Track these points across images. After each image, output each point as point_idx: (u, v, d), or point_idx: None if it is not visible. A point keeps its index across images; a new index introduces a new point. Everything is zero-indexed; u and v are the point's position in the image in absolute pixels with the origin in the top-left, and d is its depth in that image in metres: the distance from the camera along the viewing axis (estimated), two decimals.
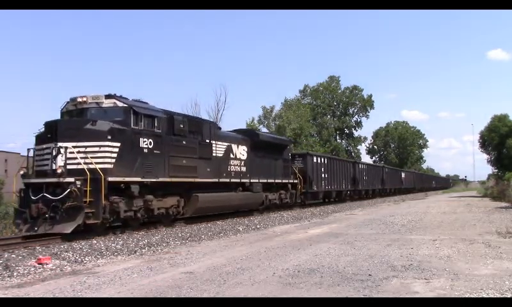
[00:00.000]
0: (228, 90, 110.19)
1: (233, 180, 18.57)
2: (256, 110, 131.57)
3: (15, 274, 7.64)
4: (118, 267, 8.28)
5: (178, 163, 14.99)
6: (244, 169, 19.43)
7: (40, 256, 8.85)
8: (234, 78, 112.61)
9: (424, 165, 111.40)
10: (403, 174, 57.89)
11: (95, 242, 11.44)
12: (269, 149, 21.74)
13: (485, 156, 47.85)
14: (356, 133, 79.23)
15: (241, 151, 19.41)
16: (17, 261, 8.65)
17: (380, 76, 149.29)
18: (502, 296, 5.68)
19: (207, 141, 16.91)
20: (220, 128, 19.65)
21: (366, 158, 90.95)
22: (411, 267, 7.59)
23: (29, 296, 6.12)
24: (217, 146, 17.59)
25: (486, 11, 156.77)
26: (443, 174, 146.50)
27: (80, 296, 6.05)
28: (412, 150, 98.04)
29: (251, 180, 19.77)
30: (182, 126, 15.25)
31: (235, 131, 21.26)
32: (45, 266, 8.25)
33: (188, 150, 15.60)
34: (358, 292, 5.94)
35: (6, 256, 9.25)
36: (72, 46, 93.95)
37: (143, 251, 10.27)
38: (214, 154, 17.27)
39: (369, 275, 7.00)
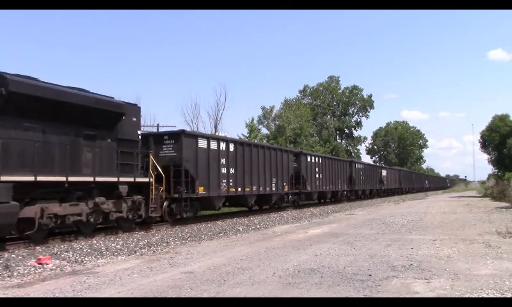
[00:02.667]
0: (228, 90, 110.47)
1: None
2: (256, 110, 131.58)
3: (15, 274, 7.63)
4: (118, 267, 8.27)
5: None
6: None
7: (40, 256, 8.85)
8: (234, 79, 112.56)
9: (424, 165, 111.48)
10: (384, 172, 48.62)
11: (95, 242, 11.44)
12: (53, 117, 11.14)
13: (485, 156, 48.08)
14: (356, 134, 79.38)
15: None
16: (17, 261, 8.65)
17: (380, 76, 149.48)
18: (502, 296, 5.68)
19: None
20: None
21: (366, 159, 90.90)
22: (411, 267, 7.59)
23: (29, 296, 6.12)
24: None
25: (486, 11, 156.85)
26: (443, 174, 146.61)
27: (80, 296, 6.04)
28: (412, 150, 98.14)
29: None
30: None
31: None
32: (45, 266, 8.25)
33: None
34: (358, 292, 5.94)
35: (6, 256, 9.25)
36: (72, 46, 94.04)
37: (143, 251, 10.27)
38: None
39: (369, 275, 7.00)
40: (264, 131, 48.59)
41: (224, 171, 18.08)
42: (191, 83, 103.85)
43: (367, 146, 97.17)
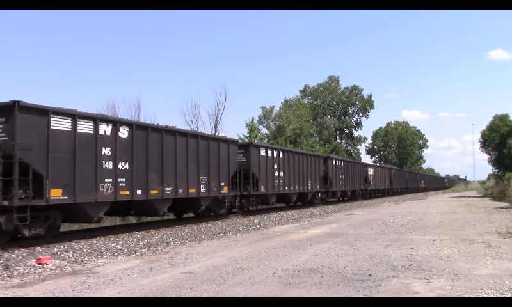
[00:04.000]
0: (228, 90, 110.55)
1: None
2: (256, 110, 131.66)
3: (15, 274, 7.63)
4: (118, 267, 8.27)
5: None
6: None
7: (40, 256, 8.85)
8: (234, 78, 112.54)
9: (424, 165, 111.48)
10: (370, 171, 41.97)
11: (95, 242, 11.44)
12: None
13: (485, 156, 48.02)
14: (356, 134, 79.41)
15: None
16: (17, 261, 8.65)
17: (380, 76, 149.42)
18: (502, 296, 5.68)
19: None
20: None
21: (366, 159, 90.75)
22: (411, 267, 7.59)
23: (29, 296, 6.12)
24: None
25: (487, 11, 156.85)
26: (443, 174, 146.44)
27: (80, 296, 6.04)
28: (412, 150, 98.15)
29: None
30: None
31: None
32: (45, 266, 8.25)
33: None
34: (358, 292, 5.94)
35: (6, 256, 9.25)
36: (72, 45, 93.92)
37: (143, 251, 10.27)
38: None
39: (369, 275, 7.00)
40: (264, 131, 48.67)
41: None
42: (191, 83, 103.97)
43: (367, 146, 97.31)
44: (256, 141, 33.88)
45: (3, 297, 6.12)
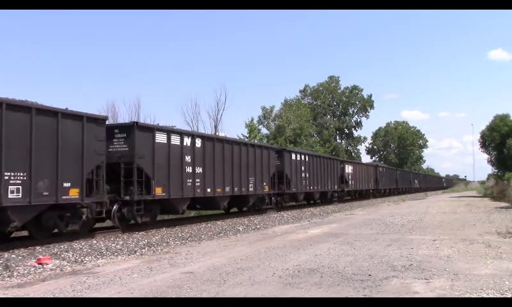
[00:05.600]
0: (228, 90, 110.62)
1: None
2: (256, 110, 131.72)
3: (15, 274, 7.63)
4: (118, 267, 8.28)
5: None
6: None
7: (40, 256, 8.85)
8: (234, 78, 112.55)
9: (424, 165, 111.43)
10: (348, 168, 35.14)
11: (95, 242, 11.44)
12: None
13: (485, 156, 47.90)
14: (356, 134, 79.42)
15: None
16: (17, 261, 8.65)
17: (380, 76, 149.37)
18: (502, 296, 5.68)
19: None
20: None
21: (366, 159, 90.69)
22: (411, 267, 7.59)
23: (29, 296, 6.12)
24: None
25: (487, 11, 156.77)
26: (443, 174, 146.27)
27: (80, 296, 6.04)
28: (412, 150, 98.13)
29: None
30: None
31: None
32: (45, 266, 8.25)
33: None
34: (358, 292, 5.94)
35: (6, 256, 9.25)
36: (71, 45, 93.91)
37: (143, 251, 10.27)
38: None
39: (369, 275, 7.00)
40: (264, 131, 48.67)
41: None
42: (191, 83, 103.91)
43: (367, 146, 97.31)
44: (256, 141, 33.91)
45: (3, 297, 6.12)
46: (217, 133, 36.98)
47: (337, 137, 75.78)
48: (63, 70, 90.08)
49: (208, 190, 16.73)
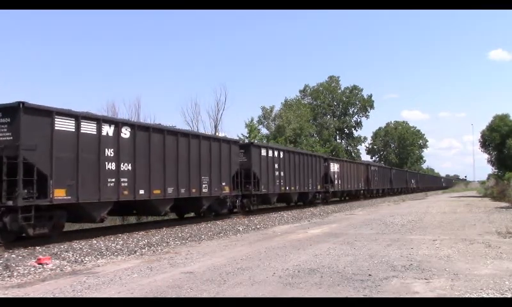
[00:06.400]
0: (228, 90, 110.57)
1: None
2: (256, 110, 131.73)
3: (15, 274, 7.63)
4: (118, 267, 8.28)
5: None
6: None
7: (40, 256, 8.85)
8: (234, 78, 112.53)
9: (424, 165, 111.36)
10: (334, 167, 31.52)
11: (95, 242, 11.44)
12: None
13: (485, 156, 47.88)
14: (356, 134, 79.40)
15: None
16: (17, 261, 8.65)
17: (380, 76, 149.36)
18: (502, 296, 5.68)
19: None
20: None
21: (366, 159, 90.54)
22: (411, 267, 7.59)
23: (29, 296, 6.12)
24: None
25: (487, 11, 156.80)
26: (443, 174, 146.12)
27: (80, 296, 6.04)
28: (412, 150, 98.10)
29: None
30: None
31: None
32: (45, 266, 8.25)
33: None
34: (358, 292, 5.94)
35: (6, 256, 9.25)
36: (71, 45, 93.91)
37: (143, 251, 10.27)
38: None
39: (369, 275, 7.00)
40: (264, 131, 48.67)
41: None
42: (191, 83, 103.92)
43: (367, 146, 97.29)
44: (256, 141, 33.64)
45: (3, 297, 6.12)
46: (217, 133, 36.92)
47: (337, 137, 75.75)
48: (63, 70, 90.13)
49: (141, 192, 13.63)
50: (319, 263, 8.17)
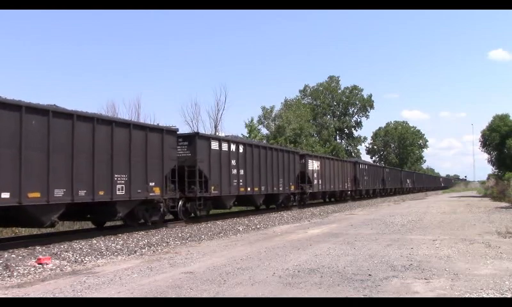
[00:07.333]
0: (228, 90, 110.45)
1: None
2: (256, 110, 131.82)
3: (15, 274, 7.64)
4: (118, 267, 8.28)
5: None
6: None
7: (40, 256, 8.85)
8: (234, 78, 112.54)
9: (424, 165, 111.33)
10: (313, 165, 27.79)
11: (95, 242, 11.43)
12: None
13: (485, 156, 47.89)
14: (356, 134, 79.40)
15: None
16: (17, 261, 8.65)
17: (380, 76, 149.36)
18: (502, 296, 5.68)
19: None
20: None
21: (366, 159, 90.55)
22: (411, 267, 7.59)
23: (29, 296, 6.12)
24: None
25: (487, 11, 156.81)
26: (443, 174, 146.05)
27: (80, 296, 6.05)
28: (412, 150, 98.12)
29: None
30: None
31: None
32: (45, 266, 8.25)
33: None
34: (358, 292, 5.94)
35: (6, 256, 9.24)
36: (71, 45, 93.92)
37: (143, 251, 10.27)
38: None
39: (369, 275, 7.00)
40: (264, 131, 48.66)
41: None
42: (191, 83, 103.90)
43: (367, 146, 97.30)
44: (255, 140, 33.41)
45: (3, 297, 6.12)
46: (217, 133, 36.98)
47: (337, 137, 75.72)
48: (63, 70, 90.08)
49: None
50: (319, 263, 8.17)
